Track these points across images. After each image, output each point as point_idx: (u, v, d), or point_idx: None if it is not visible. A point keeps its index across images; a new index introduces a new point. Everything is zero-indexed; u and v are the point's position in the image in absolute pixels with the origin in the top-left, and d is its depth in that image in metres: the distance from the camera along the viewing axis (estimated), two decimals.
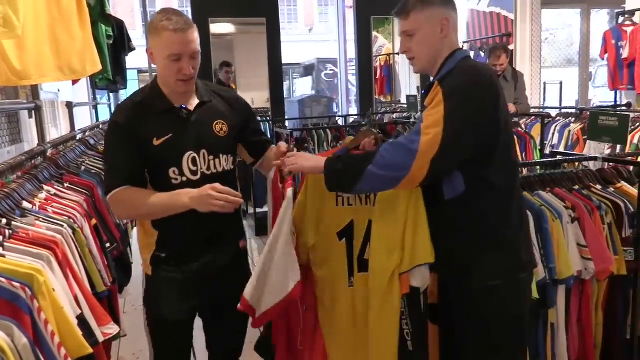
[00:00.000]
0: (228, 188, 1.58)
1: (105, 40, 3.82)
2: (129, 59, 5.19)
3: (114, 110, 1.82)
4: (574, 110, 4.94)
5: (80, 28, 2.45)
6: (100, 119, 5.67)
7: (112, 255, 2.22)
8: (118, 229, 2.45)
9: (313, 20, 19.96)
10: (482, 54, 6.49)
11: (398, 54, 7.85)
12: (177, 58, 1.63)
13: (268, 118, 6.67)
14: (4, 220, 1.66)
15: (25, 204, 1.89)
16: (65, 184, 2.31)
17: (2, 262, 1.40)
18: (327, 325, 1.76)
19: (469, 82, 1.53)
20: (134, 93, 1.78)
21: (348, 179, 1.55)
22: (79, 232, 1.90)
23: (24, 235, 1.63)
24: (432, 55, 1.62)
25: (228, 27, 6.86)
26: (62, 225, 1.80)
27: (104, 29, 3.78)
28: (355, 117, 6.69)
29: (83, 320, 1.56)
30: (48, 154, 2.65)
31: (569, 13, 9.23)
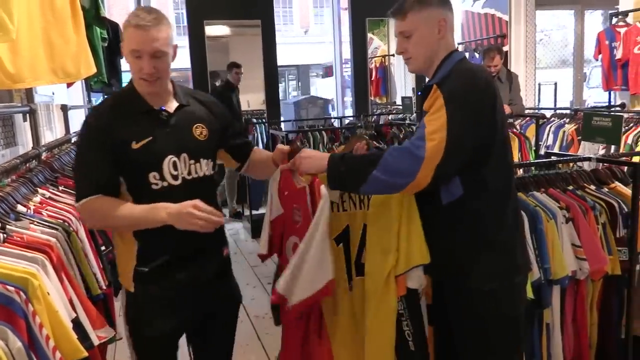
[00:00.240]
0: (211, 207, 1.50)
1: (100, 43, 3.81)
2: (124, 62, 5.17)
3: (89, 112, 1.72)
4: (569, 111, 4.97)
5: (75, 31, 2.45)
6: None
7: (107, 259, 2.22)
8: None
9: (308, 22, 19.97)
10: (476, 55, 6.51)
11: (393, 56, 7.87)
12: (137, 55, 1.55)
13: (264, 120, 6.67)
14: None
15: (20, 208, 1.88)
16: (60, 187, 2.31)
17: None
18: (332, 329, 1.77)
19: (468, 85, 1.53)
20: (111, 95, 1.72)
21: (351, 182, 1.55)
22: (74, 235, 1.90)
23: (19, 239, 1.63)
24: (428, 56, 1.62)
25: (223, 29, 6.87)
26: (56, 229, 1.80)
27: (99, 32, 3.77)
28: (351, 118, 6.71)
29: (78, 324, 1.55)
30: (43, 157, 2.64)
31: (563, 14, 9.29)
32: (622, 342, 2.21)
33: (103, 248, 2.21)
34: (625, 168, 2.33)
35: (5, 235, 1.60)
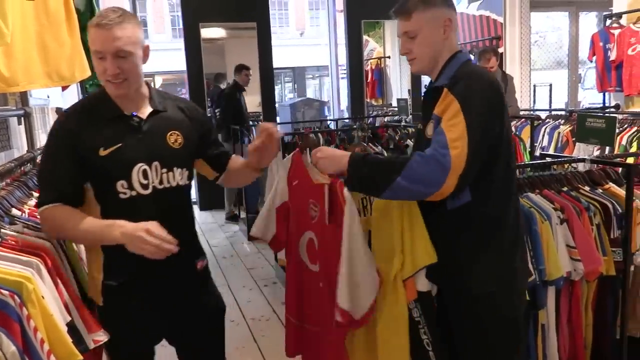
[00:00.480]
0: (164, 234, 1.40)
1: None
2: None
3: (58, 116, 1.64)
4: (564, 112, 4.99)
5: (69, 34, 2.44)
6: None
7: None
8: None
9: (304, 24, 20.00)
10: (472, 57, 6.53)
11: (389, 57, 7.89)
12: (101, 56, 1.48)
13: (260, 122, 6.67)
14: None
15: (15, 211, 1.87)
16: None
17: None
18: (348, 343, 1.74)
19: (481, 89, 1.51)
20: (83, 98, 1.66)
21: (374, 188, 1.53)
22: None
23: (13, 243, 1.61)
24: (432, 57, 1.60)
25: (219, 31, 6.88)
26: None
27: None
28: (346, 120, 6.72)
29: (73, 328, 1.54)
30: (37, 161, 2.63)
31: (558, 16, 9.33)
32: (617, 342, 2.21)
33: None
34: (620, 169, 2.34)
35: (0, 239, 1.60)
